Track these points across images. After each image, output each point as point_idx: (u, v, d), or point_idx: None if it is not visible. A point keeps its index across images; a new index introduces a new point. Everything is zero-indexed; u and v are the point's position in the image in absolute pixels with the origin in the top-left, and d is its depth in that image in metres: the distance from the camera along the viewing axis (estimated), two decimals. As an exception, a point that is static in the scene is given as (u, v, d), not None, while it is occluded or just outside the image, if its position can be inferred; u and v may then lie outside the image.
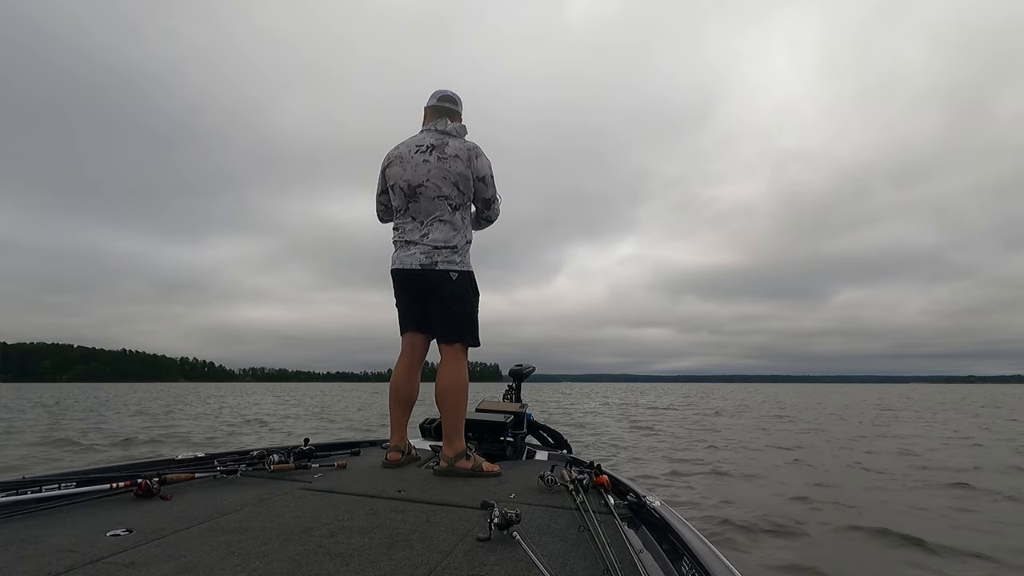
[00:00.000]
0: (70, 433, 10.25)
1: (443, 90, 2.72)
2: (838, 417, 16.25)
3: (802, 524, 4.09)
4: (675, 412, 17.61)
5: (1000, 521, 4.23)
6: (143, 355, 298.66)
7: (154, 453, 7.34)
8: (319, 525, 1.62)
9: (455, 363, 2.53)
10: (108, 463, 2.27)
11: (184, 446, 8.26)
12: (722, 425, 12.98)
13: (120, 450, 8.17)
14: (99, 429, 11.48)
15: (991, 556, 3.41)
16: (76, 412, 17.32)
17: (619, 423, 13.06)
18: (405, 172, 2.54)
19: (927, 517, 4.35)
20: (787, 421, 14.60)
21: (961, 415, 17.65)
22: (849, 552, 3.58)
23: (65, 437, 9.46)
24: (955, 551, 3.50)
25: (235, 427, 12.09)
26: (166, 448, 8.22)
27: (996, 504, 4.84)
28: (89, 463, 6.71)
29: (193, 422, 13.41)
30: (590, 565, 1.37)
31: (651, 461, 7.09)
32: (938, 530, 3.93)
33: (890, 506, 4.72)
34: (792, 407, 22.62)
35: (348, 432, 10.88)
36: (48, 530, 1.51)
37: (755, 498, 4.96)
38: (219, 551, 1.40)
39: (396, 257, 2.58)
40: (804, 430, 11.88)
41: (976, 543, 3.65)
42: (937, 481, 5.82)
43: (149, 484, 1.89)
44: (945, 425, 13.36)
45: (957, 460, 7.36)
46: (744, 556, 3.39)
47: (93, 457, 7.53)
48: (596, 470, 2.13)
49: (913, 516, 4.38)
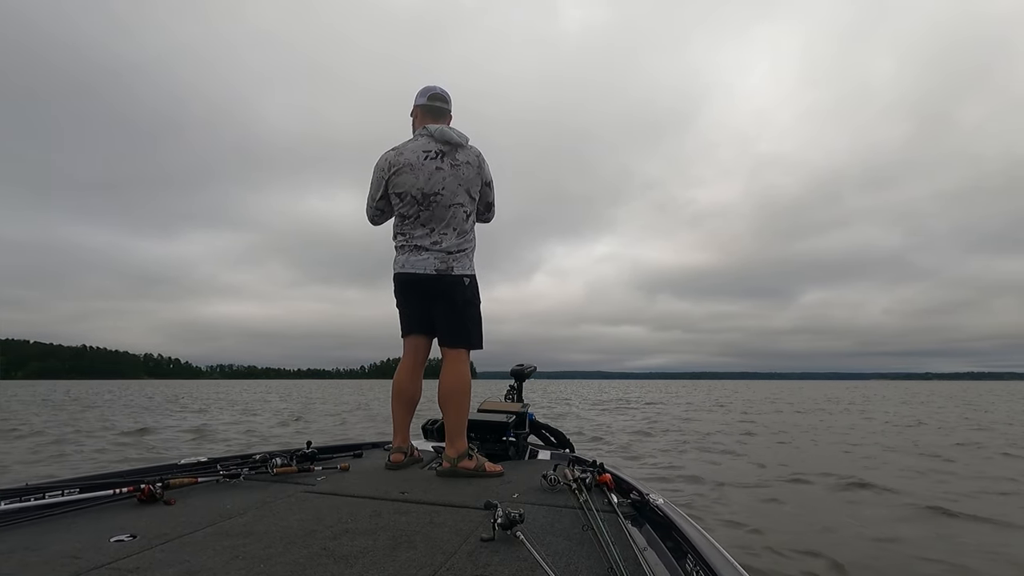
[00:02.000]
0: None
1: (432, 87, 2.69)
2: (775, 409, 18.49)
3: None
4: (632, 409, 17.98)
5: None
6: (104, 351, 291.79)
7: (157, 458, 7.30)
8: (323, 528, 1.62)
9: (459, 365, 2.54)
10: (111, 469, 2.27)
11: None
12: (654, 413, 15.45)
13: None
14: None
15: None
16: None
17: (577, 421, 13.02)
18: (418, 180, 2.51)
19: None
20: (725, 411, 16.89)
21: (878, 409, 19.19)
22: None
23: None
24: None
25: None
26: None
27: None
28: (92, 469, 6.67)
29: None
30: (594, 564, 1.37)
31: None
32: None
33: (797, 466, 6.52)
34: (742, 401, 24.35)
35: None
36: (52, 536, 1.51)
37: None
38: (223, 555, 1.40)
39: (405, 261, 2.56)
40: (737, 419, 13.72)
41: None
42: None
43: (152, 489, 1.89)
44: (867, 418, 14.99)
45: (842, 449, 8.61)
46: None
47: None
48: (599, 469, 2.13)
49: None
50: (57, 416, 13.63)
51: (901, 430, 11.00)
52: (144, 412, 15.55)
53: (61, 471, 5.69)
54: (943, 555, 3.27)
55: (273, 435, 9.50)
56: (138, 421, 12.25)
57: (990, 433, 10.43)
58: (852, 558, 3.18)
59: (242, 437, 9.21)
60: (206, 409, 17.13)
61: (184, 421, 12.38)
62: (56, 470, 5.82)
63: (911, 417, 14.61)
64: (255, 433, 9.83)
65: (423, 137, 2.59)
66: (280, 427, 11.15)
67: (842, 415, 15.55)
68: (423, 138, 2.58)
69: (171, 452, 7.30)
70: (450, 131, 2.56)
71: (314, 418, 13.39)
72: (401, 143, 2.65)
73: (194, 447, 8.04)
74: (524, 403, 3.55)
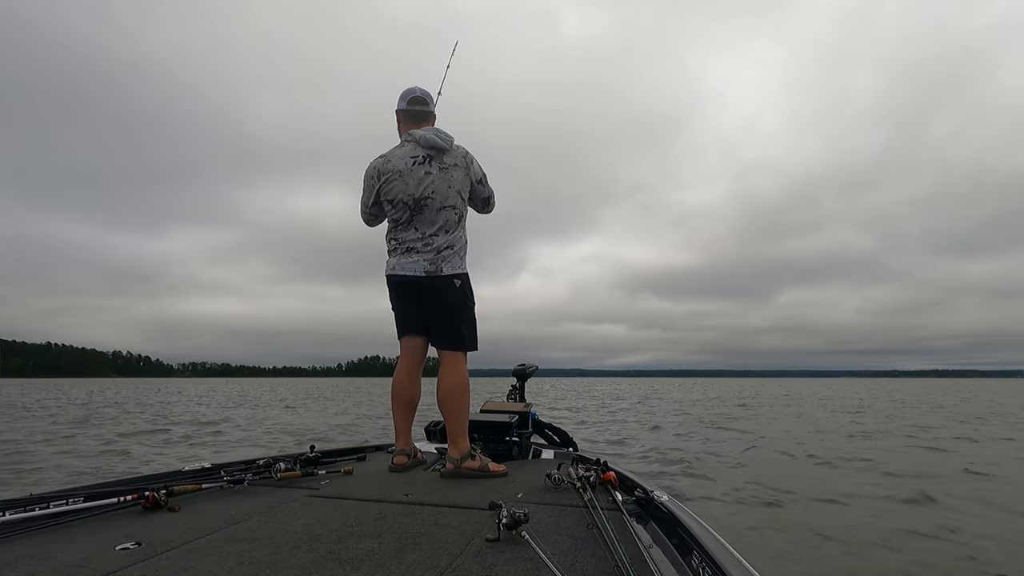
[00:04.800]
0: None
1: (412, 90, 2.68)
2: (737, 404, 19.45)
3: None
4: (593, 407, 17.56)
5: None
6: (71, 349, 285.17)
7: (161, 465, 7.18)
8: (328, 531, 1.62)
9: (456, 366, 2.54)
10: (114, 477, 2.27)
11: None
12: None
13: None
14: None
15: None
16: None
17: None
18: (408, 187, 2.52)
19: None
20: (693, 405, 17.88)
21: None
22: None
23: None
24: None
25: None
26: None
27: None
28: (95, 478, 6.56)
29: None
30: (600, 562, 1.37)
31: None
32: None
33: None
34: (709, 399, 23.95)
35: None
36: (57, 546, 1.51)
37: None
38: (229, 561, 1.40)
39: (396, 263, 2.57)
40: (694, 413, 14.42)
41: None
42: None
43: (156, 496, 1.88)
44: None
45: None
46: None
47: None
48: (603, 467, 2.13)
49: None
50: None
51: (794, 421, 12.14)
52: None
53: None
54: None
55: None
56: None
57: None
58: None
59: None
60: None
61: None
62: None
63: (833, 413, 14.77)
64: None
65: (409, 143, 2.58)
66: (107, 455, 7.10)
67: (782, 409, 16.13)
68: (409, 144, 2.58)
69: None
70: (434, 137, 2.54)
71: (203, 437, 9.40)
72: (388, 150, 2.65)
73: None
74: (527, 403, 3.55)
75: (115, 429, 10.44)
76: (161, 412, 15.03)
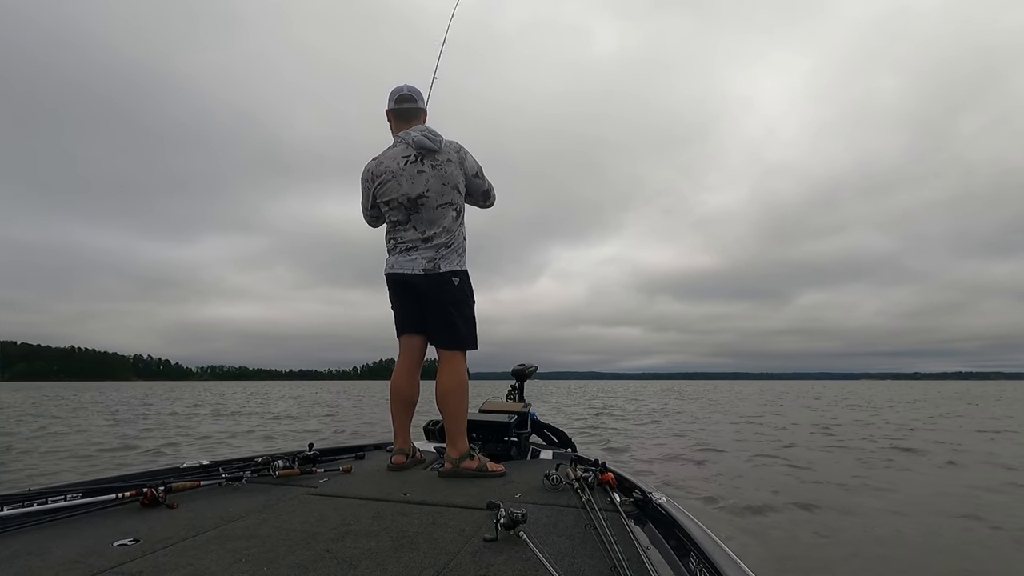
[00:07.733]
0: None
1: (400, 88, 2.65)
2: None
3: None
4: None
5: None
6: (92, 353, 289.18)
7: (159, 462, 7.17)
8: (325, 530, 1.62)
9: (455, 365, 2.53)
10: (113, 473, 2.27)
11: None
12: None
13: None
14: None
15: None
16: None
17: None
18: (402, 187, 2.51)
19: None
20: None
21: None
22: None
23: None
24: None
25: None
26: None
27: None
28: (94, 474, 6.52)
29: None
30: (597, 563, 1.37)
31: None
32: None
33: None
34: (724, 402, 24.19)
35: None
36: (55, 542, 1.51)
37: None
38: (226, 558, 1.40)
39: (394, 262, 2.57)
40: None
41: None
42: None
43: (155, 493, 1.88)
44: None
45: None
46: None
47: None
48: (601, 468, 2.13)
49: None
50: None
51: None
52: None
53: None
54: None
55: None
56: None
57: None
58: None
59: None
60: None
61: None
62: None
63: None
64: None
65: (400, 144, 2.58)
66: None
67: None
68: (400, 144, 2.57)
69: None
70: (423, 138, 2.51)
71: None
72: (381, 152, 2.64)
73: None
74: (526, 403, 3.55)
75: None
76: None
